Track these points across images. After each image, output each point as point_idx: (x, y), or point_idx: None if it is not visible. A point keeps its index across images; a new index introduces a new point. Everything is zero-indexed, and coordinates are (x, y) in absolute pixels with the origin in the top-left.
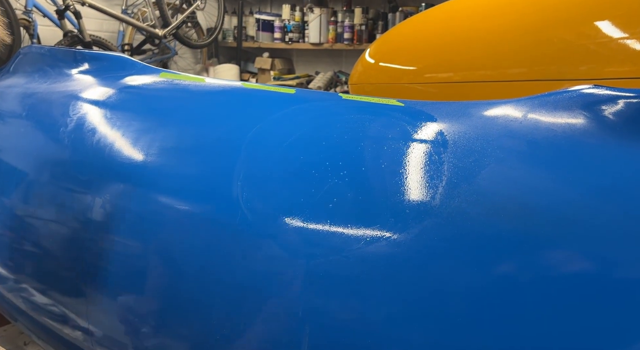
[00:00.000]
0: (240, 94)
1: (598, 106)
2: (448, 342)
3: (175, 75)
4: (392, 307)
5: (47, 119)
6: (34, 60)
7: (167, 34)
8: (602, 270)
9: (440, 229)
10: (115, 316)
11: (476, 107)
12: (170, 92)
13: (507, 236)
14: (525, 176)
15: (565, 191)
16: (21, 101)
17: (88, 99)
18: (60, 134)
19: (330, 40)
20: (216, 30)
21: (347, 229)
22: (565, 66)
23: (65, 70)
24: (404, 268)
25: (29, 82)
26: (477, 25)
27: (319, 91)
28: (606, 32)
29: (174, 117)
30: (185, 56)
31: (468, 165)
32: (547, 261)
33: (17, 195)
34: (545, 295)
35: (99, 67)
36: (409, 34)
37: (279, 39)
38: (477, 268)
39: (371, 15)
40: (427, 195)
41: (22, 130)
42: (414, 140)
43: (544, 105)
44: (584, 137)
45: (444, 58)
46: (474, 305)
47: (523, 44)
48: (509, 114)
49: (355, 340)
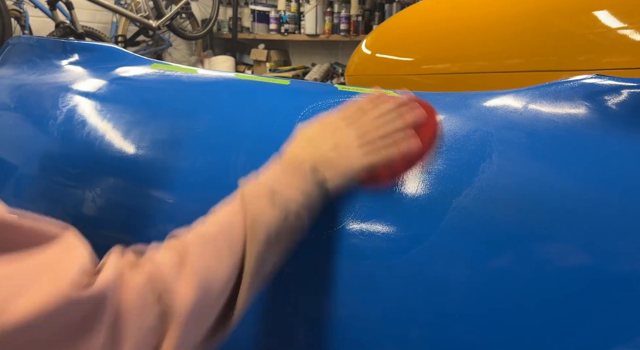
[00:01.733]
0: (233, 85)
1: (600, 96)
2: (449, 340)
3: (167, 66)
4: (393, 304)
5: (37, 111)
6: (23, 51)
7: (161, 25)
8: (605, 264)
9: (439, 222)
10: None
11: (475, 97)
12: (161, 83)
13: (507, 229)
14: (526, 168)
15: (567, 183)
16: (10, 93)
17: (78, 90)
18: (49, 127)
19: (327, 31)
20: (211, 22)
21: (345, 223)
22: (564, 56)
23: (54, 61)
24: (405, 264)
25: (17, 73)
26: (475, 16)
27: (313, 82)
28: (606, 22)
29: (166, 109)
30: (179, 48)
31: (467, 158)
32: (549, 255)
33: (7, 190)
34: (550, 290)
35: (89, 58)
36: (406, 24)
37: (275, 31)
38: (477, 263)
39: (368, 5)
40: (425, 188)
41: (10, 122)
42: None
43: (544, 96)
44: (586, 128)
45: (441, 49)
46: (475, 301)
47: (522, 34)
48: (508, 105)
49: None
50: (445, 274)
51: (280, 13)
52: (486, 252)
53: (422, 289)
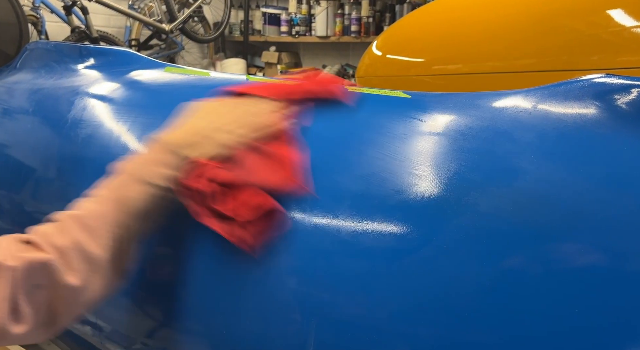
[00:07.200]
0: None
1: (611, 96)
2: (457, 339)
3: (180, 69)
4: (403, 304)
5: (54, 115)
6: (41, 56)
7: (174, 29)
8: (616, 263)
9: (450, 222)
10: (123, 311)
11: (484, 98)
12: (175, 86)
13: (517, 230)
14: (536, 168)
15: (577, 183)
16: (28, 97)
17: (95, 93)
18: (66, 130)
19: (337, 33)
20: (223, 25)
21: (353, 223)
22: (575, 56)
23: (71, 65)
24: (415, 263)
25: (35, 77)
26: (486, 16)
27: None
28: (616, 21)
29: (180, 111)
30: (192, 51)
31: (476, 158)
32: (559, 255)
33: (26, 192)
34: (562, 290)
35: (105, 62)
36: (416, 25)
37: (286, 33)
38: (488, 264)
39: (378, 7)
40: (435, 188)
41: (29, 126)
42: (420, 132)
43: (554, 96)
44: (595, 127)
45: (452, 49)
46: (487, 301)
47: (532, 34)
48: (518, 105)
49: (362, 338)
50: (456, 274)
51: (291, 15)
52: (496, 253)
53: (433, 289)
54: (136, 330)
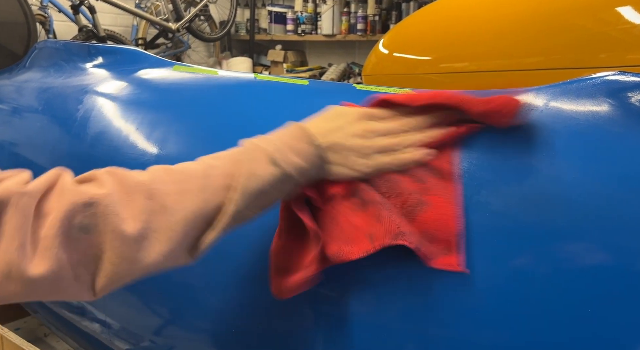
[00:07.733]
0: (253, 86)
1: (623, 93)
2: (474, 339)
3: (188, 68)
4: (414, 304)
5: (63, 113)
6: (49, 54)
7: (181, 28)
8: (629, 262)
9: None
10: (132, 309)
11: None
12: (184, 85)
13: (528, 229)
14: (548, 167)
15: (590, 181)
16: (37, 95)
17: (103, 92)
18: (75, 128)
19: (343, 31)
20: (229, 23)
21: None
22: (584, 54)
23: (79, 64)
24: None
25: (44, 76)
26: (493, 13)
27: (332, 82)
28: (626, 18)
29: (189, 110)
30: (198, 50)
31: (487, 156)
32: (571, 253)
33: None
34: (574, 288)
35: (113, 61)
36: (423, 23)
37: (292, 31)
38: (501, 261)
39: (385, 5)
40: None
41: (38, 124)
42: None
43: (566, 93)
44: (608, 125)
45: (459, 47)
46: (500, 301)
47: (540, 31)
48: (529, 103)
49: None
50: (469, 274)
51: (297, 14)
52: (508, 251)
53: (447, 289)
54: (144, 328)
